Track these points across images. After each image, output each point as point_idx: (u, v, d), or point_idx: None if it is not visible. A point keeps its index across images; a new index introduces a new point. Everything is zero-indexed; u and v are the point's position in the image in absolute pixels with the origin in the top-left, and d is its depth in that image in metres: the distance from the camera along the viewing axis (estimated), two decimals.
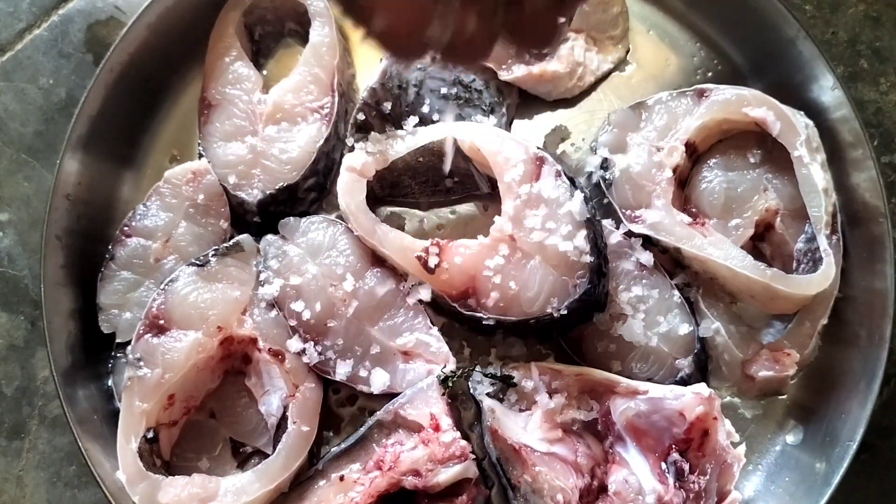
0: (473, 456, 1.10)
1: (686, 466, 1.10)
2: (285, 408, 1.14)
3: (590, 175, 1.25)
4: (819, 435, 1.18)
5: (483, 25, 1.12)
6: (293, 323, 1.16)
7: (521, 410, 1.15)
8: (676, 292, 1.19)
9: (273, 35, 1.33)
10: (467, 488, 1.09)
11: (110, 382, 1.19)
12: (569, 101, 1.30)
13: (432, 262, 1.14)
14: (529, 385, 1.14)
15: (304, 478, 1.13)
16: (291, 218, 1.20)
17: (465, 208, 1.27)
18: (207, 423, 1.19)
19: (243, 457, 1.19)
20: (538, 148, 1.17)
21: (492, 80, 1.25)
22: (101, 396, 1.19)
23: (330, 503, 1.09)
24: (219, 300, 1.16)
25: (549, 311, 1.12)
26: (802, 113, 1.20)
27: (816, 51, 1.19)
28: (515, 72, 1.25)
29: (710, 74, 1.31)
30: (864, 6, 1.36)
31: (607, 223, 1.20)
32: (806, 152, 1.17)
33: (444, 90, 1.23)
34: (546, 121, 1.30)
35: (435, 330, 1.17)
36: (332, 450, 1.14)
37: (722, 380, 1.21)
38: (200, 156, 1.24)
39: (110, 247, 1.20)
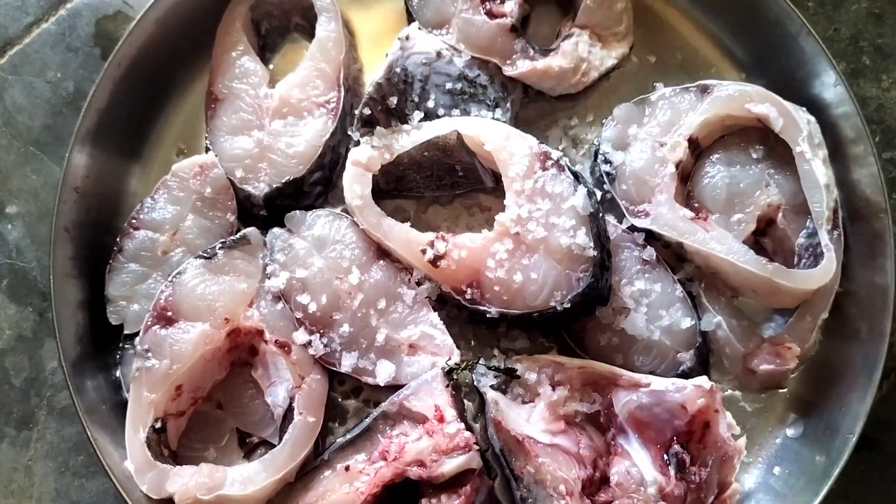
0: (477, 447, 1.11)
1: (687, 458, 1.11)
2: (291, 399, 1.15)
3: (593, 170, 1.26)
4: (819, 428, 1.19)
5: None
6: (299, 315, 1.17)
7: (524, 402, 1.16)
8: (679, 286, 1.20)
9: (279, 30, 1.34)
10: (471, 479, 1.10)
11: (118, 373, 1.20)
12: (573, 97, 1.31)
13: (437, 255, 1.15)
14: (533, 377, 1.15)
15: (309, 468, 1.14)
16: (297, 211, 1.21)
17: (470, 202, 1.28)
18: (214, 414, 1.20)
19: (250, 447, 1.20)
20: (542, 143, 1.18)
21: (496, 76, 1.26)
22: (109, 387, 1.20)
23: (335, 493, 1.10)
24: (226, 292, 1.17)
25: (552, 304, 1.13)
26: (804, 109, 1.21)
27: (819, 47, 1.19)
28: (520, 67, 1.25)
29: (713, 71, 1.31)
30: (867, 3, 1.37)
31: (610, 218, 1.21)
32: (808, 148, 1.17)
33: (449, 85, 1.24)
34: (550, 116, 1.31)
35: (440, 323, 1.18)
36: (338, 440, 1.15)
37: (723, 373, 1.22)
38: (207, 149, 1.24)
39: (118, 239, 1.21)
